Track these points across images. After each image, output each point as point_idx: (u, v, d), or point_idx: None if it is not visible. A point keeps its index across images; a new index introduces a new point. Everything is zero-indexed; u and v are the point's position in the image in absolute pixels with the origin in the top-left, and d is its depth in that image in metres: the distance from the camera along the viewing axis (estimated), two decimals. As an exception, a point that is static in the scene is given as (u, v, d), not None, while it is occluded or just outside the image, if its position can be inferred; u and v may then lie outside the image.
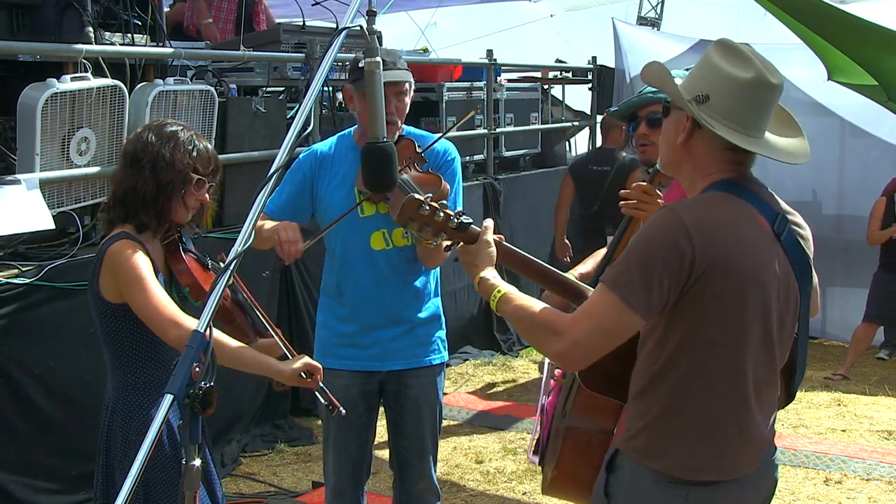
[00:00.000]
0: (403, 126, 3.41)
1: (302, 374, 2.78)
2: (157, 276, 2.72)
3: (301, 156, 3.46)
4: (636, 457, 2.18)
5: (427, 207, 2.34)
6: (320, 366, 2.84)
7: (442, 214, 2.35)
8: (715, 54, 2.18)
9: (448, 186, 3.25)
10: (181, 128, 2.82)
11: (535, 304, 2.22)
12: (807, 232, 2.29)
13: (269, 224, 3.18)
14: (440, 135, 3.36)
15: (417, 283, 3.37)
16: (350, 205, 3.27)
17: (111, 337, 2.78)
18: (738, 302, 2.10)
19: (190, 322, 2.63)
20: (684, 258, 2.06)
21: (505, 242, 2.45)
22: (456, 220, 2.36)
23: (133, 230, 2.77)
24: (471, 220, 2.39)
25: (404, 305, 3.39)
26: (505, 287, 2.30)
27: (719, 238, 2.09)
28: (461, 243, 2.41)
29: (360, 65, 3.19)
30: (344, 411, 2.96)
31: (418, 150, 3.27)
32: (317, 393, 2.89)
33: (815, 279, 2.39)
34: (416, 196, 2.34)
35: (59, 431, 4.36)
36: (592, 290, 2.24)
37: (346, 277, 3.40)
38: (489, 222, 2.44)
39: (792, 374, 2.35)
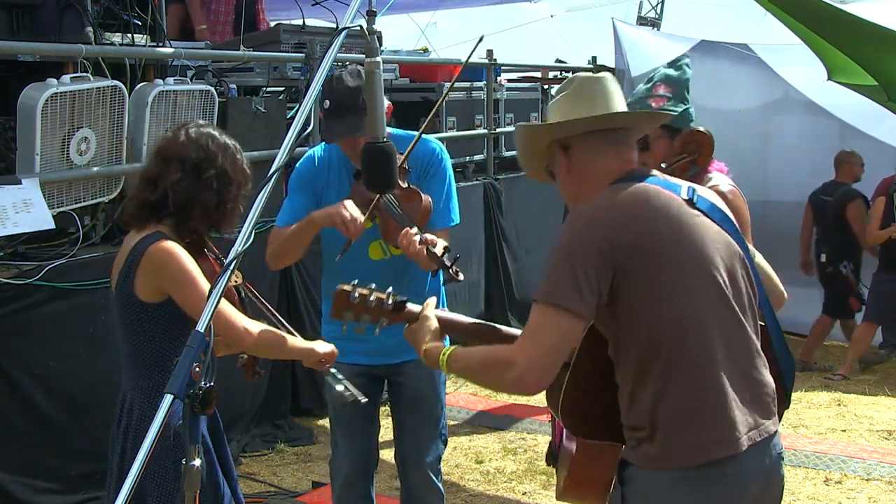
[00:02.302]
0: (389, 130, 3.40)
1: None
2: None
3: (299, 164, 3.46)
4: (645, 462, 2.15)
5: (357, 295, 2.33)
6: (336, 352, 2.97)
7: (374, 299, 2.35)
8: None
9: (430, 201, 3.27)
10: (226, 137, 2.83)
11: (480, 349, 2.25)
12: (717, 197, 2.33)
13: (315, 213, 3.19)
14: (416, 136, 3.32)
15: (418, 288, 3.34)
16: None
17: (139, 337, 2.74)
18: (675, 269, 2.12)
19: (248, 321, 2.72)
20: (602, 247, 2.09)
21: (447, 313, 2.44)
22: (390, 301, 2.36)
23: (168, 231, 2.73)
24: (405, 298, 2.38)
25: None
26: (449, 346, 2.31)
27: (633, 217, 2.13)
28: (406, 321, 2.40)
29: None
30: (363, 399, 3.05)
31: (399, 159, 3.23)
32: (328, 378, 3.01)
33: (759, 256, 2.41)
34: (343, 286, 2.33)
35: (59, 431, 4.36)
36: None
37: None
38: (431, 299, 2.44)
39: (780, 374, 2.32)
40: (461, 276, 3.14)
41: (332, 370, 3.00)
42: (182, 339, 2.72)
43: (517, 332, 2.40)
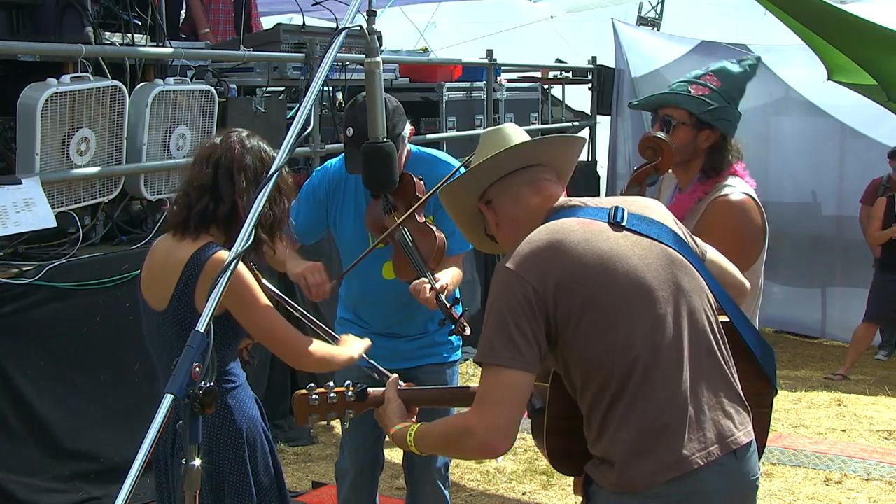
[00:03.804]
0: (410, 148, 3.38)
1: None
2: None
3: (315, 175, 3.48)
4: (604, 483, 2.14)
5: (316, 397, 2.33)
6: (370, 342, 2.94)
7: (335, 395, 2.34)
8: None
9: (444, 240, 3.25)
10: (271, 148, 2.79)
11: (440, 422, 2.27)
12: (652, 204, 2.32)
13: (292, 261, 3.23)
14: (448, 176, 3.11)
15: (429, 309, 3.32)
16: (361, 237, 3.33)
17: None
18: (606, 300, 2.09)
19: (304, 339, 2.70)
20: (530, 299, 2.07)
21: (410, 387, 2.44)
22: (351, 392, 2.35)
23: (218, 241, 2.66)
24: (366, 386, 2.37)
25: (419, 324, 3.43)
26: (413, 426, 2.29)
27: (549, 261, 2.10)
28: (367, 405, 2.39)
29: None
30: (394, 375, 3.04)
31: (418, 191, 3.20)
32: (364, 367, 3.00)
33: (710, 251, 2.35)
34: (301, 392, 2.34)
35: (60, 432, 4.36)
36: None
37: (361, 303, 3.46)
38: (394, 377, 2.43)
39: (757, 364, 2.30)
40: (468, 331, 3.15)
41: (364, 356, 2.99)
42: (234, 351, 2.73)
43: None
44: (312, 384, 2.37)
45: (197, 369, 1.84)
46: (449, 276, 3.20)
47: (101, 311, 4.56)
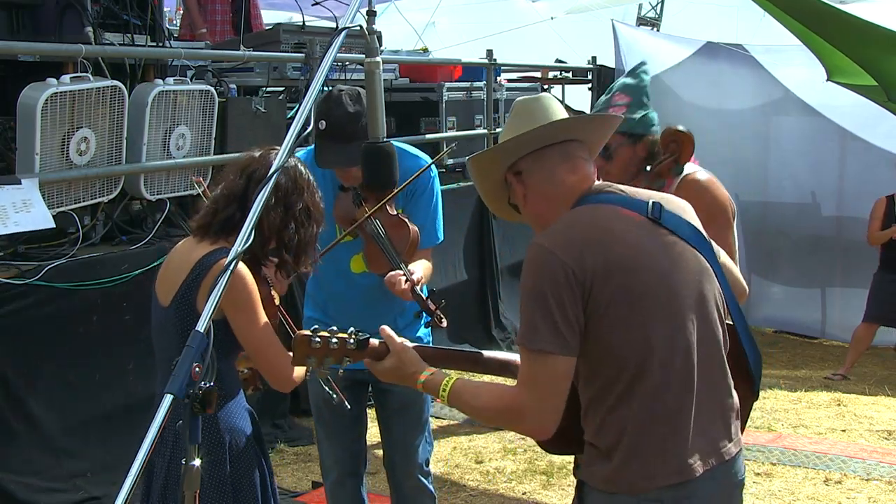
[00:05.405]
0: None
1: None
2: None
3: None
4: (597, 483, 2.14)
5: (318, 339, 2.27)
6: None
7: (336, 340, 2.28)
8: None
9: (417, 232, 3.25)
10: (308, 172, 2.77)
11: (483, 391, 2.20)
12: (687, 206, 2.30)
13: None
14: (417, 173, 3.24)
15: (398, 302, 3.31)
16: (329, 229, 3.30)
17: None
18: (636, 294, 2.08)
19: (300, 370, 2.65)
20: (570, 279, 2.05)
21: (415, 344, 2.39)
22: (352, 340, 2.29)
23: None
24: (368, 335, 2.32)
25: (388, 320, 3.38)
26: (449, 379, 2.24)
27: (588, 244, 2.09)
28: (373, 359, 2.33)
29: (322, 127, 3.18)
30: (348, 406, 3.05)
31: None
32: (320, 379, 2.97)
33: (723, 255, 2.37)
34: (303, 332, 2.29)
35: (61, 432, 4.36)
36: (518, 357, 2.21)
37: (329, 297, 3.44)
38: (390, 332, 2.34)
39: (748, 369, 2.32)
40: (444, 323, 3.14)
41: (329, 377, 2.95)
42: (235, 356, 2.72)
43: (509, 357, 2.37)
44: (316, 326, 2.33)
45: (197, 369, 1.84)
46: (421, 269, 3.20)
47: (99, 311, 4.56)
